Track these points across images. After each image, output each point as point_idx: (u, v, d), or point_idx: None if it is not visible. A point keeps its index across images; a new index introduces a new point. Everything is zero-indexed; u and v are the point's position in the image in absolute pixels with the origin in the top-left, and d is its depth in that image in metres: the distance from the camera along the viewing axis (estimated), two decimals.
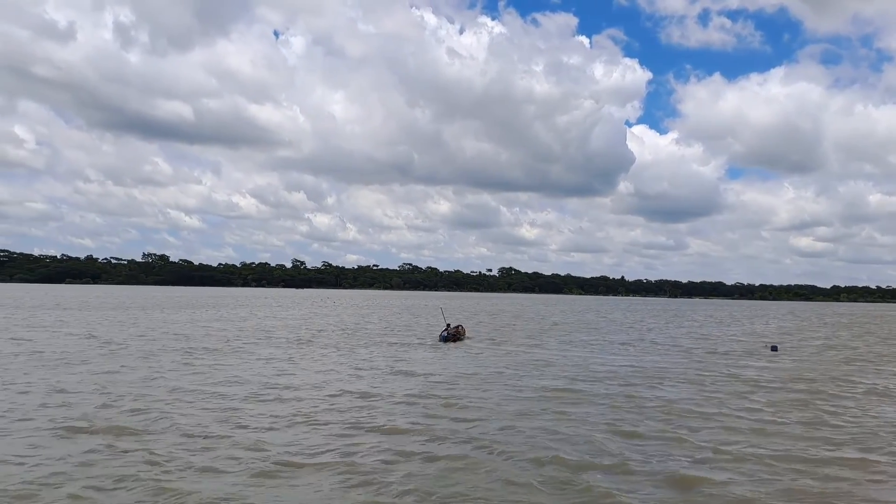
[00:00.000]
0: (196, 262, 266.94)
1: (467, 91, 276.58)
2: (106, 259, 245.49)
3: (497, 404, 13.17)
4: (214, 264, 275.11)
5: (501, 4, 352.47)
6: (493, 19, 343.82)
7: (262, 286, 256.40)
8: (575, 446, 9.96)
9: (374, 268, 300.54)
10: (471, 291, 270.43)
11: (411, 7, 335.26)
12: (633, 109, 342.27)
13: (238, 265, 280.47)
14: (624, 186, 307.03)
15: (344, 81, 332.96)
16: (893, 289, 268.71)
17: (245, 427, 10.63)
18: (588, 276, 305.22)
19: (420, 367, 18.96)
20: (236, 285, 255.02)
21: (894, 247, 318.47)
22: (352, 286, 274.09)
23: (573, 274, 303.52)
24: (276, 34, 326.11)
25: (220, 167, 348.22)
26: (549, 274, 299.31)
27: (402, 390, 14.59)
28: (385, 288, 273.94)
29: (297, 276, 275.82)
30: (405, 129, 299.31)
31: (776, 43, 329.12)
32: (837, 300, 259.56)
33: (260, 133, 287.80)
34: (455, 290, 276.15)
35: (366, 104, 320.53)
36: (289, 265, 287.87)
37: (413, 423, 11.18)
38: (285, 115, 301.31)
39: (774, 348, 29.21)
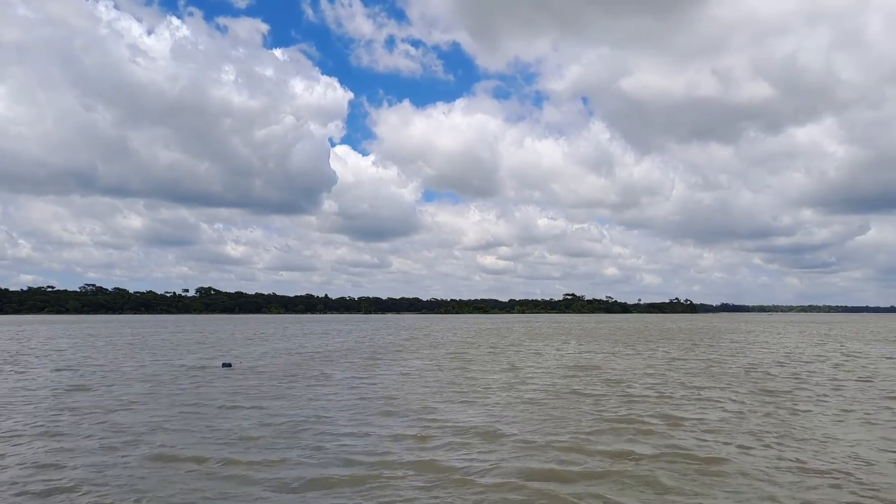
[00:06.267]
0: None
1: (155, 96, 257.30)
2: None
3: None
4: None
5: (181, 3, 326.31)
6: (178, 18, 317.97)
7: None
8: None
9: (49, 290, 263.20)
10: (163, 314, 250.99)
11: None
12: (337, 129, 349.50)
13: None
14: (328, 205, 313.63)
15: (1, 73, 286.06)
16: (556, 300, 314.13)
17: None
18: (296, 294, 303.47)
19: None
20: None
21: (559, 265, 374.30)
22: (17, 311, 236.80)
23: (281, 293, 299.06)
24: None
25: None
26: (253, 293, 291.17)
27: None
28: (60, 312, 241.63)
29: None
30: (83, 133, 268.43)
31: (457, 75, 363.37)
32: (512, 312, 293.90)
33: None
34: (145, 313, 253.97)
35: (33, 101, 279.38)
36: None
37: None
38: None
39: (228, 365, 29.68)
